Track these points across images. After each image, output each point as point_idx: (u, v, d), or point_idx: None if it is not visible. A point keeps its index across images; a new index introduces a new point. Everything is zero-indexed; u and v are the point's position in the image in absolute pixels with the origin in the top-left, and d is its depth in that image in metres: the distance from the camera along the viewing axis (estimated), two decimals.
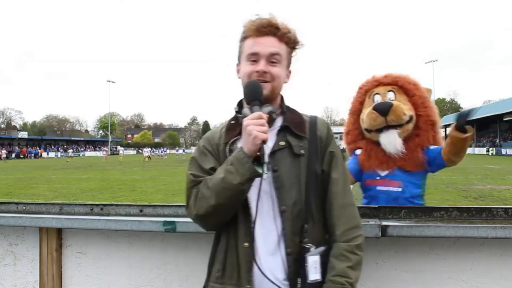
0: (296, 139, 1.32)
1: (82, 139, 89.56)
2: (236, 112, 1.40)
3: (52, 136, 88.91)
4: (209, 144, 1.38)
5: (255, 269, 1.24)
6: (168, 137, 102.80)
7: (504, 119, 49.01)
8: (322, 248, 1.25)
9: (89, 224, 1.83)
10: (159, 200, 10.59)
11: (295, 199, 1.26)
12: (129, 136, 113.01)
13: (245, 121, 1.20)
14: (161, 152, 53.46)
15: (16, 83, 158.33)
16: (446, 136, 2.39)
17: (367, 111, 2.51)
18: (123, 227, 1.79)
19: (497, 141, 48.90)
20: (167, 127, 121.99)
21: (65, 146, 76.75)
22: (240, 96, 1.42)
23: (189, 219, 1.76)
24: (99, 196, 11.80)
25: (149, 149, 51.17)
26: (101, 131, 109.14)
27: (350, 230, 1.27)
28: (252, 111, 1.24)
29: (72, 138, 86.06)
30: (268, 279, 1.21)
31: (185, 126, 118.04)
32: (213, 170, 1.31)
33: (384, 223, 1.60)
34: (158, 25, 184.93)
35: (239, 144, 1.32)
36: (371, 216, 1.76)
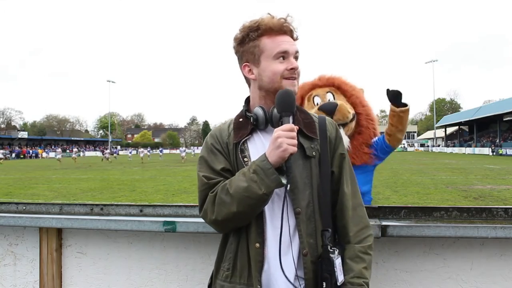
0: (308, 140, 1.31)
1: (82, 139, 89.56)
2: (246, 110, 1.37)
3: (52, 136, 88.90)
4: (218, 143, 1.35)
5: (265, 269, 1.25)
6: (168, 137, 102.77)
7: (504, 119, 48.99)
8: (339, 250, 1.27)
9: (89, 224, 1.83)
10: (159, 200, 10.58)
11: (308, 200, 1.27)
12: (129, 136, 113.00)
13: (277, 132, 1.18)
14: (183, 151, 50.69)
15: (16, 83, 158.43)
16: (445, 132, 2.43)
17: (311, 112, 2.54)
18: (123, 227, 1.79)
19: (497, 141, 48.83)
20: (167, 127, 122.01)
21: (64, 146, 76.72)
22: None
23: (189, 219, 1.77)
24: (99, 196, 11.80)
25: (108, 150, 49.30)
26: (101, 131, 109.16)
27: (361, 230, 1.30)
28: (283, 122, 1.22)
29: (72, 138, 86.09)
30: (286, 277, 1.20)
31: (185, 126, 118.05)
32: (224, 170, 1.29)
33: (384, 223, 1.60)
34: (158, 25, 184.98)
35: (250, 144, 1.32)
36: (371, 216, 1.76)
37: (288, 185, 1.20)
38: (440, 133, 75.99)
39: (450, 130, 73.13)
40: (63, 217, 1.88)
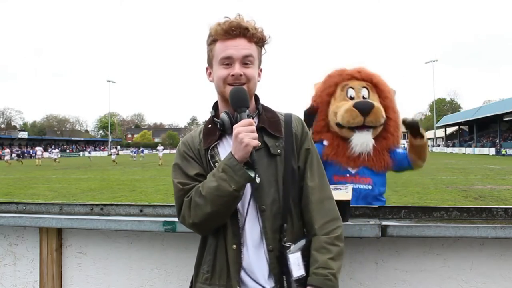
0: (272, 139, 1.34)
1: (82, 139, 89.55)
2: (213, 116, 1.41)
3: (52, 136, 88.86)
4: (190, 150, 1.38)
5: (244, 266, 1.29)
6: (168, 137, 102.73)
7: (504, 119, 48.94)
8: (302, 244, 1.29)
9: (89, 224, 1.83)
10: (159, 200, 10.58)
11: (273, 198, 1.30)
12: (129, 136, 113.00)
13: (236, 129, 1.21)
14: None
15: (16, 82, 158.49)
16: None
17: (345, 106, 2.45)
18: (123, 227, 1.79)
19: (497, 141, 48.81)
20: (167, 127, 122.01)
21: (65, 146, 76.72)
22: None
23: None
24: (99, 196, 11.79)
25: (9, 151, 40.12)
26: (101, 131, 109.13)
27: (328, 222, 1.30)
28: (240, 118, 1.25)
29: (72, 138, 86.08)
30: (254, 280, 1.27)
31: (185, 126, 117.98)
32: (198, 176, 1.32)
33: (384, 223, 1.60)
34: (158, 25, 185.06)
35: (220, 149, 1.35)
36: (371, 216, 1.77)
37: (258, 179, 1.24)
38: (440, 133, 75.94)
39: (450, 130, 73.11)
40: (63, 217, 1.89)
